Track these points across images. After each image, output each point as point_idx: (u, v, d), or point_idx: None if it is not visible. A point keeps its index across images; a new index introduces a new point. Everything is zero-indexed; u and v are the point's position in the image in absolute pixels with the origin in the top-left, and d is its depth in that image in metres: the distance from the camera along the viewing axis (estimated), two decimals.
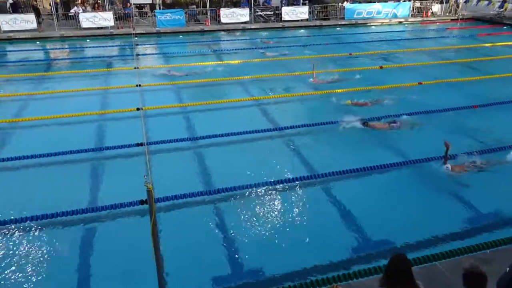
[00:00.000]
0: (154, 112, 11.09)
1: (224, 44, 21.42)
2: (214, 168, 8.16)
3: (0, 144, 9.38)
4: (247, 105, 11.83)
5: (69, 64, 17.79)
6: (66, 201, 6.88)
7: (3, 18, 22.35)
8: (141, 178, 6.72)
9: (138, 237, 5.92)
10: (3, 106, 12.00)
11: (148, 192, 3.28)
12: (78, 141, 9.19)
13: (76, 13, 23.98)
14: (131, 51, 18.96)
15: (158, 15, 24.40)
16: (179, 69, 15.34)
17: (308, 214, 6.67)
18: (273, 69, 15.44)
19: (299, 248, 5.88)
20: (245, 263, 5.58)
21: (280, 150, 8.98)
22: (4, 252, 5.79)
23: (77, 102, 12.09)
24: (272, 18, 26.55)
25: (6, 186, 7.66)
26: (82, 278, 5.35)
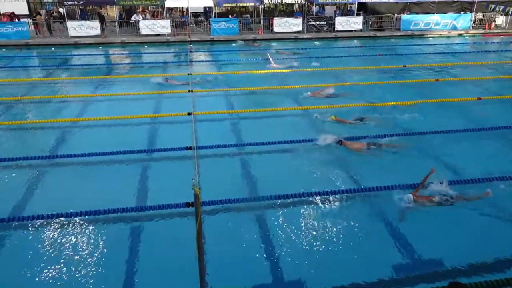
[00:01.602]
0: (204, 117, 11.35)
1: (275, 52, 21.57)
2: (259, 175, 8.18)
3: (61, 142, 10.00)
4: (295, 114, 11.78)
5: (127, 69, 18.70)
6: (117, 198, 7.18)
7: (71, 24, 23.99)
8: (188, 181, 6.91)
9: (181, 238, 6.07)
10: (66, 106, 12.84)
11: (195, 195, 3.36)
12: (131, 141, 9.61)
13: (136, 21, 25.25)
14: (185, 58, 19.61)
15: (213, 23, 25.09)
16: (227, 76, 15.64)
17: (353, 228, 6.50)
18: (323, 79, 15.33)
19: (341, 262, 5.75)
20: (285, 274, 5.53)
21: (327, 161, 8.85)
22: (52, 244, 6.14)
23: (132, 105, 12.68)
24: (325, 28, 26.40)
25: (63, 181, 8.14)
26: (125, 275, 5.53)
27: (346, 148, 9.08)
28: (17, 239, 6.27)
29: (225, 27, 25.26)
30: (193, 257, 3.81)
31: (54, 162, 8.88)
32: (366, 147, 9.05)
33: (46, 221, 6.61)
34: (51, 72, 17.67)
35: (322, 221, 6.66)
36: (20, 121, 11.41)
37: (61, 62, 19.92)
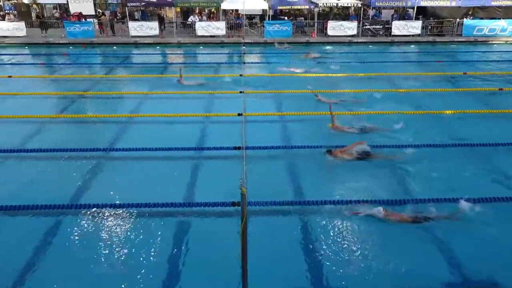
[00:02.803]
0: (254, 118, 11.44)
1: (328, 56, 21.32)
2: (305, 179, 8.15)
3: (117, 136, 10.52)
4: (342, 119, 11.54)
5: (182, 68, 19.26)
6: (165, 193, 7.46)
7: (132, 24, 25.16)
8: (234, 180, 7.01)
9: (225, 236, 6.20)
10: (124, 102, 13.51)
11: (242, 195, 3.41)
12: (182, 139, 9.92)
13: (193, 22, 25.99)
14: (238, 59, 19.91)
15: (267, 25, 25.25)
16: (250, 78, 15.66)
17: (400, 242, 6.30)
18: (375, 84, 14.96)
19: (383, 276, 5.59)
20: (324, 280, 5.47)
21: (379, 172, 8.62)
22: (103, 232, 6.49)
23: (185, 103, 13.09)
24: (381, 32, 25.72)
25: (117, 173, 8.58)
26: (169, 268, 5.72)
27: (335, 158, 8.74)
28: (73, 224, 6.68)
29: (278, 30, 25.34)
30: (237, 256, 3.86)
31: (110, 155, 9.37)
32: (353, 157, 8.67)
33: (100, 210, 7.00)
34: (112, 70, 18.64)
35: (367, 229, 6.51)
36: (81, 115, 12.16)
37: (121, 60, 20.96)
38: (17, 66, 19.21)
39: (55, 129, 11.07)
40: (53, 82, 16.52)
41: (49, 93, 14.59)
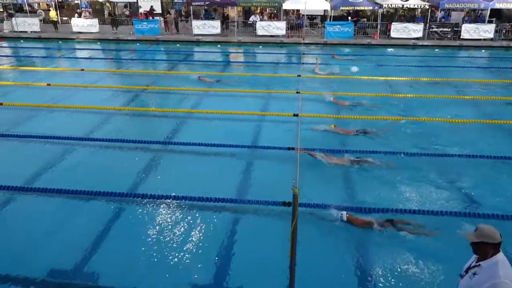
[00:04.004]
0: (309, 119, 11.35)
1: (390, 59, 20.62)
2: (359, 184, 7.95)
3: (175, 130, 10.91)
4: (402, 124, 11.12)
5: (241, 67, 19.61)
6: (218, 188, 7.62)
7: (195, 23, 25.96)
8: (286, 180, 6.99)
9: (274, 235, 6.22)
10: (184, 98, 13.97)
11: (294, 195, 3.40)
12: (237, 136, 10.08)
13: (254, 22, 26.30)
14: (297, 60, 19.84)
15: (327, 26, 24.93)
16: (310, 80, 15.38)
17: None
18: (440, 90, 14.25)
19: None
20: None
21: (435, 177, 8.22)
22: (156, 222, 6.74)
23: (242, 102, 13.27)
24: (449, 36, 24.42)
25: (174, 166, 8.89)
26: (217, 262, 5.81)
27: (327, 162, 8.56)
28: (129, 213, 7.04)
29: (339, 31, 24.92)
30: (286, 256, 3.86)
31: (168, 148, 9.74)
32: (349, 162, 8.51)
33: (154, 200, 7.30)
34: (174, 66, 19.35)
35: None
36: (143, 108, 12.77)
37: (183, 57, 21.71)
38: (89, 60, 20.56)
39: (118, 121, 11.72)
40: (120, 76, 17.49)
41: (115, 87, 15.47)
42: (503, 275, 3.37)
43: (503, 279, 3.35)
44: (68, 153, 9.39)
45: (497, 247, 3.51)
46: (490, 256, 3.51)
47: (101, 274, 5.56)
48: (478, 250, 3.58)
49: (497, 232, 3.51)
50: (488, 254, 3.52)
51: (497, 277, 3.37)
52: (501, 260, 3.48)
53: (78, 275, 5.54)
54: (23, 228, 6.63)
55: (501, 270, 3.40)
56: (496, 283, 3.36)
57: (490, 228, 3.54)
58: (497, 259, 3.49)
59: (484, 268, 3.51)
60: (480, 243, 3.51)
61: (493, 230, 3.52)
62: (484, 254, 3.55)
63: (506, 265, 3.47)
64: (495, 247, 3.50)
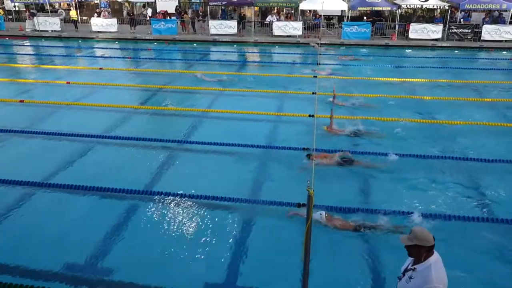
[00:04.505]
0: (325, 120, 11.27)
1: (408, 60, 20.37)
2: (375, 188, 7.88)
3: (192, 129, 10.97)
4: (417, 127, 10.98)
5: (256, 67, 19.62)
6: (232, 188, 7.65)
7: (212, 23, 26.08)
8: (300, 181, 6.96)
9: (288, 237, 6.21)
10: (200, 97, 14.06)
11: (308, 197, 3.39)
12: (252, 136, 10.11)
13: (270, 22, 26.28)
14: (313, 60, 19.75)
15: (344, 27, 24.76)
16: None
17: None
18: (459, 93, 14.02)
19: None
20: None
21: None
22: (169, 219, 6.80)
23: (257, 101, 13.26)
24: (469, 37, 23.97)
25: (189, 164, 8.96)
26: (229, 262, 5.83)
27: (315, 162, 8.36)
28: (144, 210, 7.12)
29: (356, 31, 24.72)
30: (299, 258, 3.85)
31: (184, 146, 9.82)
32: (336, 163, 8.46)
33: (169, 198, 7.38)
34: (190, 66, 19.48)
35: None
36: (160, 107, 12.89)
37: (199, 57, 21.84)
38: (108, 59, 20.88)
39: (135, 119, 11.87)
40: (137, 75, 17.70)
41: (133, 85, 15.67)
42: (436, 279, 3.44)
43: (435, 283, 3.43)
44: (86, 150, 9.56)
45: (431, 250, 3.57)
46: (424, 259, 3.57)
47: (116, 269, 5.65)
48: (412, 253, 3.64)
49: (430, 235, 3.56)
50: (422, 257, 3.58)
51: (430, 281, 3.44)
52: (434, 263, 3.54)
53: (93, 269, 5.64)
54: (42, 223, 6.78)
55: (434, 273, 3.46)
56: (430, 287, 3.43)
57: (423, 231, 3.59)
58: (430, 262, 3.54)
59: (418, 271, 3.56)
60: (414, 246, 3.56)
61: (427, 233, 3.57)
62: (418, 257, 3.61)
63: (439, 268, 3.53)
64: (428, 250, 3.56)
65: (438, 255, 3.63)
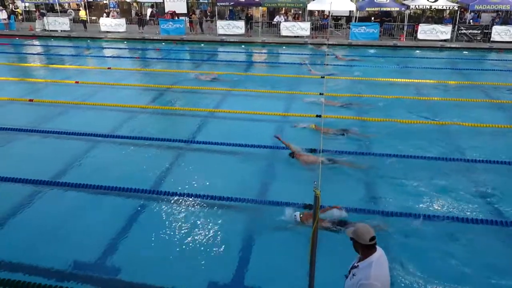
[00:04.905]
0: (332, 121, 11.25)
1: (416, 61, 20.24)
2: (386, 189, 7.84)
3: (198, 130, 10.98)
4: (428, 129, 10.89)
5: (264, 67, 19.62)
6: (239, 188, 7.65)
7: (220, 23, 26.14)
8: (307, 182, 6.94)
9: (294, 238, 6.20)
10: (207, 97, 14.10)
11: (315, 197, 3.38)
12: (259, 137, 10.10)
13: (278, 22, 26.27)
14: (321, 61, 19.70)
15: (352, 27, 24.68)
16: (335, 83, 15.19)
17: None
18: (467, 94, 13.90)
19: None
20: None
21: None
22: (175, 219, 6.83)
23: (265, 102, 13.26)
24: (479, 38, 23.77)
25: (196, 164, 8.96)
26: (234, 262, 5.84)
27: (298, 160, 8.54)
28: (153, 209, 7.17)
29: (364, 32, 24.63)
30: (305, 259, 3.85)
31: (192, 146, 9.84)
32: (319, 162, 8.30)
33: (175, 198, 7.40)
34: (198, 66, 19.54)
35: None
36: (167, 107, 12.95)
37: (207, 57, 21.90)
38: (116, 59, 21.01)
39: (143, 119, 11.92)
40: (145, 75, 17.78)
41: (141, 85, 15.76)
42: (373, 276, 3.45)
43: (372, 280, 3.44)
44: (94, 149, 9.63)
45: (370, 247, 3.59)
46: (361, 255, 3.63)
47: (122, 268, 5.68)
48: (353, 246, 3.73)
49: (369, 234, 3.56)
50: (359, 252, 3.66)
51: (367, 278, 3.46)
52: (375, 260, 3.55)
53: (101, 268, 5.68)
54: (50, 221, 6.84)
55: (373, 271, 3.47)
56: (364, 283, 3.45)
57: (363, 227, 3.62)
58: (372, 259, 3.56)
59: (360, 269, 3.59)
60: (352, 239, 3.67)
61: (366, 230, 3.58)
62: (356, 251, 3.69)
63: (380, 266, 3.55)
64: (366, 247, 3.59)
65: (382, 254, 3.66)
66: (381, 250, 3.68)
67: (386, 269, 3.62)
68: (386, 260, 3.67)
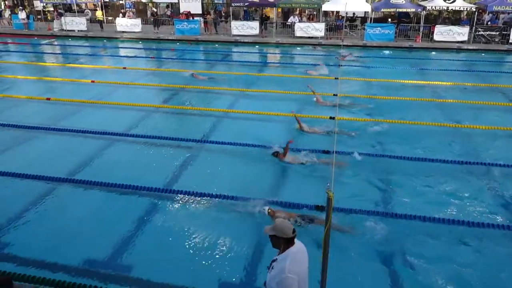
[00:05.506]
0: (346, 122, 11.17)
1: (433, 63, 19.98)
2: (398, 190, 7.76)
3: (211, 129, 11.01)
4: (444, 131, 10.74)
5: (277, 68, 19.60)
6: (249, 189, 7.62)
7: (234, 23, 26.21)
8: (319, 184, 6.93)
9: (306, 239, 6.16)
10: (220, 97, 14.16)
11: (328, 199, 3.37)
12: (271, 137, 10.07)
13: (292, 23, 26.22)
14: (335, 62, 19.60)
15: (367, 28, 24.50)
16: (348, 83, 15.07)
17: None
18: (485, 96, 13.68)
19: None
20: None
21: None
22: (185, 218, 6.87)
23: (278, 103, 13.22)
24: (497, 39, 23.35)
25: (208, 164, 9.00)
26: (245, 265, 5.84)
27: (280, 160, 8.73)
28: (165, 208, 7.23)
29: (379, 33, 24.42)
30: (317, 261, 3.83)
31: (205, 146, 9.87)
32: (300, 161, 8.67)
33: (190, 197, 7.45)
34: (212, 66, 19.62)
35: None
36: (181, 107, 13.03)
37: (221, 57, 21.97)
38: (131, 59, 21.23)
39: (157, 118, 12.03)
40: (160, 75, 17.94)
41: (155, 85, 15.90)
42: (288, 269, 3.55)
43: (287, 273, 3.54)
44: (108, 148, 9.76)
45: (290, 241, 3.70)
46: (283, 250, 3.70)
47: (134, 265, 5.73)
48: (273, 243, 3.80)
49: (290, 228, 3.68)
50: (281, 247, 3.72)
51: (283, 271, 3.56)
52: (292, 254, 3.65)
53: (112, 265, 5.75)
54: (64, 218, 6.95)
55: (288, 264, 3.57)
56: (282, 277, 3.54)
57: (283, 223, 3.73)
58: (288, 253, 3.67)
59: (278, 261, 3.69)
60: (273, 236, 3.72)
61: (286, 225, 3.70)
62: (278, 247, 3.76)
63: (295, 258, 3.65)
64: (287, 241, 3.69)
65: (301, 247, 3.77)
66: (300, 244, 3.80)
67: (304, 262, 3.74)
68: (304, 253, 3.80)
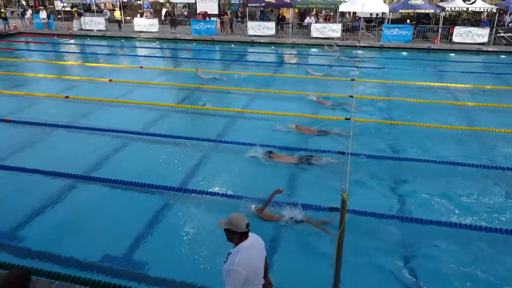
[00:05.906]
0: (362, 124, 11.09)
1: (451, 65, 19.66)
2: (415, 194, 7.66)
3: (225, 129, 11.06)
4: (461, 134, 10.57)
5: (293, 68, 19.56)
6: (263, 189, 7.50)
7: (250, 24, 26.26)
8: (333, 185, 6.88)
9: (319, 241, 6.15)
10: (236, 97, 14.20)
11: (342, 201, 3.35)
12: (287, 138, 10.10)
13: (308, 23, 26.14)
14: (351, 63, 19.46)
15: (385, 29, 24.25)
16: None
17: None
18: (506, 99, 13.40)
19: None
20: None
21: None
22: (198, 217, 6.84)
23: (293, 103, 13.20)
24: None
25: (223, 164, 9.02)
26: None
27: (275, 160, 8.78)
28: (179, 206, 7.28)
29: (397, 34, 24.13)
30: (330, 263, 3.82)
31: (220, 146, 9.91)
32: (295, 161, 8.77)
33: (203, 196, 7.49)
34: (228, 66, 19.69)
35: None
36: (196, 106, 13.12)
37: (237, 57, 22.03)
38: (148, 59, 21.46)
39: (173, 117, 12.14)
40: (176, 74, 18.08)
41: (171, 84, 16.03)
42: (238, 263, 3.54)
43: (236, 266, 3.53)
44: (124, 146, 9.88)
45: (244, 235, 3.70)
46: (236, 244, 3.71)
47: (148, 263, 5.80)
48: (227, 236, 3.79)
49: (243, 222, 3.67)
50: (234, 240, 3.73)
51: (232, 264, 3.56)
52: (244, 248, 3.65)
53: (126, 261, 5.82)
54: (81, 215, 7.06)
55: (238, 257, 3.57)
56: (229, 269, 3.55)
57: (238, 217, 3.72)
58: (241, 247, 3.66)
59: (231, 254, 3.69)
60: (228, 230, 3.73)
61: (240, 219, 3.69)
62: (232, 240, 3.76)
63: (248, 253, 3.63)
64: (241, 235, 3.69)
65: (255, 242, 3.76)
66: (255, 238, 3.81)
67: (257, 256, 3.74)
68: (259, 247, 3.82)
